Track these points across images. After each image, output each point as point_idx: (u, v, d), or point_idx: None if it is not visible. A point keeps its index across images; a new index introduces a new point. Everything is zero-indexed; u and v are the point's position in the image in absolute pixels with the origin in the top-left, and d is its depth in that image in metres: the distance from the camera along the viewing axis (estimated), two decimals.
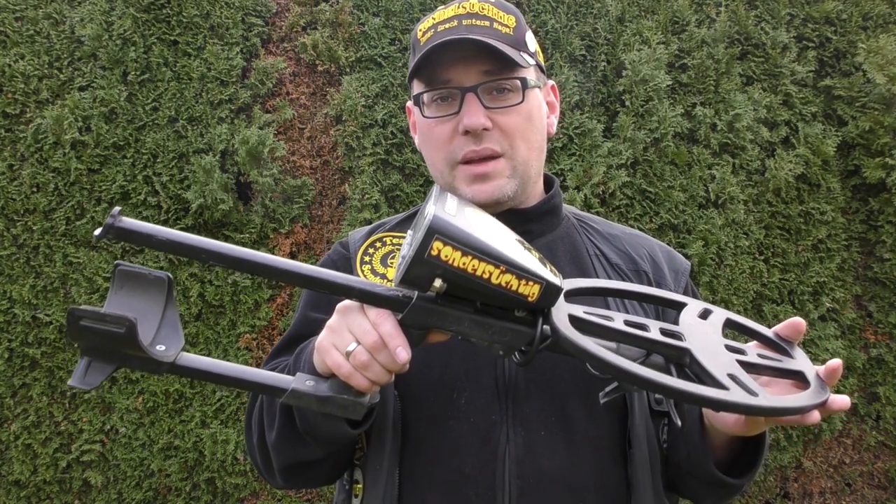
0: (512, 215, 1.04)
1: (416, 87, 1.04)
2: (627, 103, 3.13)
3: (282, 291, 3.01)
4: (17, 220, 2.92)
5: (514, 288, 0.76)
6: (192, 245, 0.75)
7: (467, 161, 1.00)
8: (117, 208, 0.72)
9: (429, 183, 3.03)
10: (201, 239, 0.75)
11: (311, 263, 3.02)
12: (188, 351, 0.79)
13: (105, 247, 2.93)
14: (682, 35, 3.26)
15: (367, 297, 0.79)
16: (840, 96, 3.31)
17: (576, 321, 0.79)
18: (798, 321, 0.86)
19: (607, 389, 0.84)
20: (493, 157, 0.99)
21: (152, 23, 2.98)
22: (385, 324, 0.79)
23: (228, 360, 2.96)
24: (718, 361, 0.78)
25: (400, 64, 3.06)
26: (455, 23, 1.00)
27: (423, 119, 1.03)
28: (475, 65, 0.98)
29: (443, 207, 0.77)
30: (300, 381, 0.81)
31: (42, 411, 2.92)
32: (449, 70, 0.99)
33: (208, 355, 2.94)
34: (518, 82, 1.00)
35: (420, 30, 1.04)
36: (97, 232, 0.72)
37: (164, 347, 0.75)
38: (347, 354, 0.79)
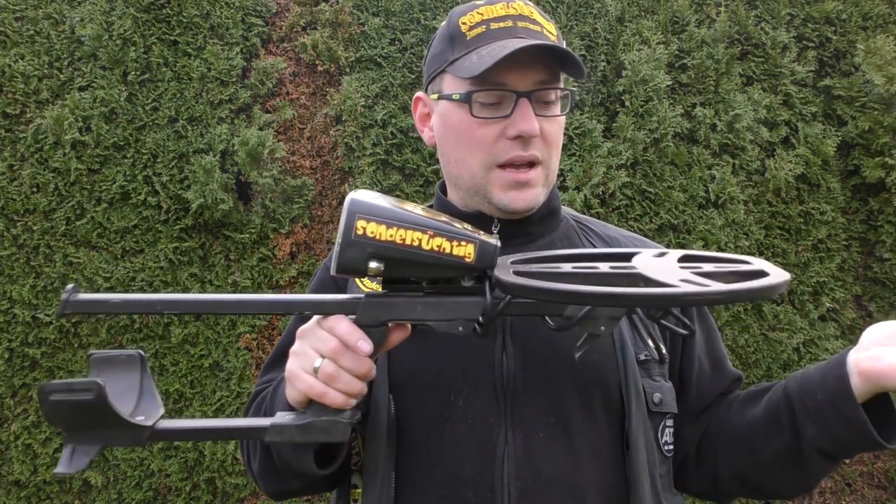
0: (514, 220, 1.04)
1: (462, 85, 0.98)
2: (627, 103, 3.13)
3: (281, 292, 3.01)
4: (17, 220, 2.92)
5: (447, 251, 0.77)
6: (144, 300, 0.81)
7: (508, 165, 0.98)
8: (71, 285, 0.78)
9: (429, 183, 3.03)
10: (151, 295, 0.82)
11: (311, 264, 3.01)
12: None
13: (105, 247, 2.94)
14: (681, 35, 3.26)
15: (318, 307, 0.82)
16: (840, 96, 3.31)
17: (522, 275, 0.79)
18: None
19: (578, 343, 0.83)
20: (534, 163, 0.99)
21: (152, 23, 2.98)
22: (339, 324, 0.81)
23: (229, 361, 2.96)
24: (673, 276, 0.76)
25: (400, 64, 3.06)
26: (510, 23, 0.98)
27: (466, 117, 0.98)
28: (531, 72, 0.97)
29: (361, 194, 0.79)
30: (279, 417, 0.83)
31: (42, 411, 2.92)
32: (506, 74, 0.96)
33: (208, 355, 2.95)
34: (560, 93, 1.00)
35: (464, 22, 0.99)
36: (58, 312, 0.78)
37: (143, 417, 0.79)
38: (315, 371, 0.81)
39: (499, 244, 0.81)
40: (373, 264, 0.76)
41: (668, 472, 1.01)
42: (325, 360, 0.80)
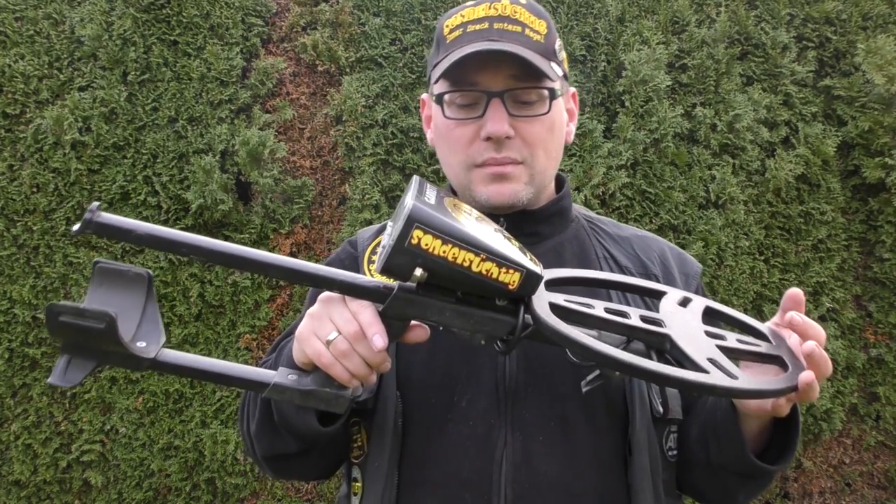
0: (520, 217, 1.03)
1: (440, 87, 1.00)
2: (627, 104, 3.13)
3: (282, 292, 3.01)
4: (17, 220, 2.92)
5: (494, 276, 0.76)
6: (171, 239, 0.76)
7: (484, 165, 0.98)
8: (95, 203, 0.73)
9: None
10: (179, 233, 0.76)
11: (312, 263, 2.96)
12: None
13: (105, 247, 2.93)
14: (682, 35, 3.26)
15: (349, 289, 0.80)
16: (840, 96, 3.31)
17: (557, 309, 0.79)
18: (794, 293, 0.87)
19: (589, 378, 0.84)
20: (512, 163, 0.98)
21: (152, 23, 2.98)
22: (364, 312, 0.79)
23: (229, 361, 2.97)
24: (698, 346, 0.78)
25: (400, 64, 3.06)
26: (486, 24, 0.97)
27: (443, 119, 1.00)
28: (504, 70, 0.95)
29: (422, 197, 0.77)
30: (282, 376, 0.82)
31: (42, 411, 2.92)
32: (477, 73, 0.96)
33: (208, 356, 2.92)
34: (546, 92, 0.97)
35: (447, 25, 1.00)
36: (75, 227, 0.72)
37: (144, 344, 0.75)
38: (328, 343, 0.80)
39: (544, 275, 0.80)
40: (418, 272, 0.75)
41: (671, 478, 1.01)
42: (341, 336, 0.79)
